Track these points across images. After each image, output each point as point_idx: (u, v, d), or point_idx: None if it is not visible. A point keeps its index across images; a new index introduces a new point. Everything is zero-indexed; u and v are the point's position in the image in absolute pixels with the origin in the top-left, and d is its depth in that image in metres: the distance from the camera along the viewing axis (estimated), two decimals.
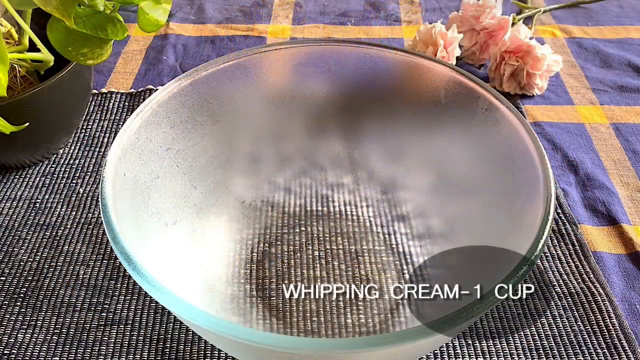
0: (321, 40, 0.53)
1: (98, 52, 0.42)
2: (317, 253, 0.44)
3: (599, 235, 0.46)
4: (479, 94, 0.38)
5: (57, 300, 0.41)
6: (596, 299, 0.41)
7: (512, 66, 0.57)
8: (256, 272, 0.42)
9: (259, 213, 0.46)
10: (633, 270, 0.44)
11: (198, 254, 0.41)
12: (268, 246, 0.44)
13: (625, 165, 0.52)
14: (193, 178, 0.41)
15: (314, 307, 0.40)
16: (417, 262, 0.43)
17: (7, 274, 0.43)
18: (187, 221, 0.41)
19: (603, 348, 0.38)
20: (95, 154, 0.53)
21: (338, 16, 0.73)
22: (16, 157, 0.49)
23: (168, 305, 0.27)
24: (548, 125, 0.56)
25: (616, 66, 0.64)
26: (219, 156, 0.43)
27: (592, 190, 0.50)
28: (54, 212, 0.47)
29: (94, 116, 0.56)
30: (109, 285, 0.42)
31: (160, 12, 0.42)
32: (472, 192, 0.40)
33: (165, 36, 0.68)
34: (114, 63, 0.64)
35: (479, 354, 0.38)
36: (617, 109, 0.58)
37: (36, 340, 0.39)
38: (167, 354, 0.38)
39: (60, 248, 0.45)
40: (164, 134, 0.38)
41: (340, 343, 0.28)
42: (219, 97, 0.41)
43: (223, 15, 0.73)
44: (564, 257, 0.44)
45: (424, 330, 0.25)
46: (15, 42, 0.46)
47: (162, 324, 0.40)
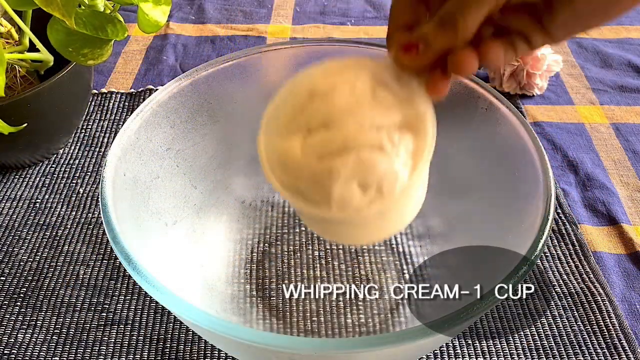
0: (321, 40, 0.53)
1: (98, 53, 0.42)
2: (317, 253, 0.44)
3: (599, 235, 0.46)
4: (479, 93, 0.38)
5: (57, 300, 0.41)
6: (596, 299, 0.41)
7: (512, 66, 0.57)
8: (256, 272, 0.42)
9: (259, 213, 0.46)
10: (633, 270, 0.44)
11: (198, 254, 0.41)
12: (268, 246, 0.44)
13: (625, 165, 0.52)
14: (193, 178, 0.41)
15: (314, 307, 0.40)
16: (417, 262, 0.43)
17: (7, 274, 0.43)
18: (187, 221, 0.41)
19: (603, 348, 0.38)
20: (95, 154, 0.53)
21: (338, 16, 0.73)
22: (16, 157, 0.49)
23: (168, 305, 0.27)
24: (548, 125, 0.56)
25: (616, 66, 0.64)
26: (219, 156, 0.43)
27: (592, 190, 0.50)
28: (54, 212, 0.47)
29: (94, 116, 0.56)
30: (109, 285, 0.42)
31: (159, 13, 0.42)
32: (472, 192, 0.40)
33: (165, 36, 0.68)
34: (114, 63, 0.64)
35: (479, 354, 0.38)
36: (617, 109, 0.58)
37: (36, 340, 0.39)
38: (167, 354, 0.38)
39: (60, 248, 0.45)
40: (164, 134, 0.38)
41: (340, 343, 0.28)
42: (219, 97, 0.41)
43: (223, 15, 0.73)
44: (564, 257, 0.44)
45: (424, 330, 0.25)
46: (15, 42, 0.46)
47: (162, 324, 0.40)
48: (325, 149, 0.24)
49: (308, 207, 0.26)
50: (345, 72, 0.26)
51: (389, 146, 0.24)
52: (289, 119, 0.26)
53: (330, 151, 0.24)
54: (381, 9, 0.74)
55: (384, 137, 0.24)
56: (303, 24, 0.71)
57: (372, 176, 0.24)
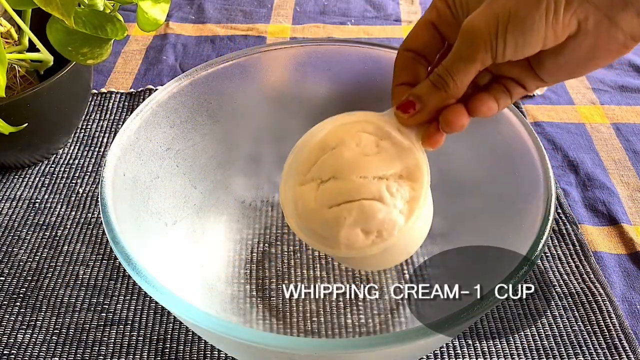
0: (321, 40, 0.53)
1: (98, 52, 0.42)
2: (317, 253, 0.44)
3: (599, 235, 0.46)
4: None
5: (56, 301, 0.41)
6: (596, 299, 0.41)
7: None
8: (256, 272, 0.42)
9: (259, 213, 0.46)
10: (633, 270, 0.44)
11: (198, 254, 0.41)
12: (268, 246, 0.44)
13: (626, 165, 0.52)
14: (193, 178, 0.41)
15: (314, 307, 0.40)
16: (417, 262, 0.42)
17: (7, 274, 0.43)
18: (187, 221, 0.41)
19: (603, 348, 0.38)
20: (94, 154, 0.53)
21: (338, 16, 0.73)
22: (16, 157, 0.49)
23: (168, 306, 0.27)
24: (548, 125, 0.56)
25: (617, 66, 0.64)
26: (219, 156, 0.43)
27: (593, 190, 0.50)
28: (54, 212, 0.47)
29: (93, 116, 0.56)
30: (108, 285, 0.42)
31: (159, 11, 0.42)
32: (472, 192, 0.40)
33: (165, 36, 0.68)
34: (113, 63, 0.64)
35: (479, 354, 0.38)
36: (618, 108, 0.58)
37: (36, 341, 0.39)
38: (167, 355, 0.38)
39: (60, 248, 0.44)
40: (163, 134, 0.38)
41: (340, 343, 0.28)
42: (219, 97, 0.41)
43: (223, 15, 0.72)
44: (564, 257, 0.44)
45: (424, 331, 0.25)
46: (15, 42, 0.46)
47: (162, 325, 0.40)
48: (334, 200, 0.28)
49: (320, 246, 0.30)
50: (353, 126, 0.29)
51: (388, 197, 0.28)
52: (304, 171, 0.30)
53: (338, 201, 0.28)
54: (381, 9, 0.74)
55: (384, 189, 0.28)
56: (303, 24, 0.71)
57: (372, 223, 0.28)
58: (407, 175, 0.28)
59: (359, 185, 0.28)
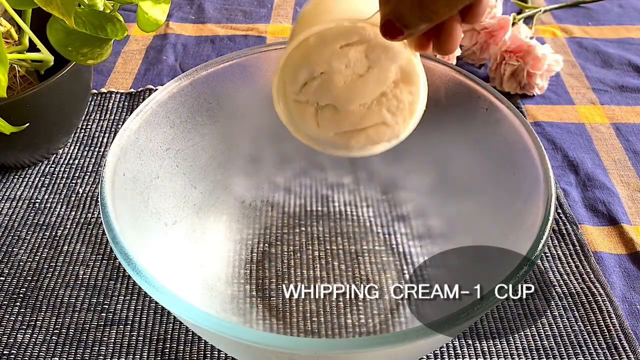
0: None
1: (98, 52, 0.42)
2: (317, 253, 0.44)
3: (599, 236, 0.46)
4: (480, 93, 0.38)
5: (56, 301, 0.41)
6: (596, 299, 0.41)
7: (513, 66, 0.57)
8: (256, 272, 0.42)
9: (259, 213, 0.46)
10: (633, 270, 0.44)
11: (198, 254, 0.41)
12: (268, 246, 0.44)
13: (626, 165, 0.52)
14: (193, 178, 0.41)
15: (314, 307, 0.40)
16: (417, 262, 0.42)
17: (7, 274, 0.43)
18: (187, 221, 0.41)
19: (603, 348, 0.38)
20: (94, 154, 0.53)
21: None
22: (16, 157, 0.49)
23: (168, 306, 0.27)
24: (548, 125, 0.56)
25: (617, 66, 0.64)
26: (219, 156, 0.43)
27: (593, 190, 0.50)
28: (54, 212, 0.47)
29: (93, 116, 0.56)
30: (108, 285, 0.42)
31: (159, 12, 0.42)
32: (472, 192, 0.40)
33: (165, 36, 0.68)
34: (113, 63, 0.64)
35: (479, 354, 0.38)
36: (618, 108, 0.58)
37: (35, 341, 0.39)
38: (167, 355, 0.38)
39: (60, 248, 0.44)
40: (163, 134, 0.38)
41: (340, 343, 0.28)
42: (219, 97, 0.41)
43: (223, 15, 0.72)
44: (564, 257, 0.44)
45: (424, 331, 0.25)
46: (15, 42, 0.46)
47: (162, 325, 0.40)
48: (339, 128, 0.29)
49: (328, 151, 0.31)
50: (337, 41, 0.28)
51: (390, 118, 0.29)
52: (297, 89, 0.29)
53: (343, 129, 0.29)
54: None
55: (385, 113, 0.29)
56: None
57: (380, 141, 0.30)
58: (403, 77, 0.28)
59: (360, 116, 0.29)
